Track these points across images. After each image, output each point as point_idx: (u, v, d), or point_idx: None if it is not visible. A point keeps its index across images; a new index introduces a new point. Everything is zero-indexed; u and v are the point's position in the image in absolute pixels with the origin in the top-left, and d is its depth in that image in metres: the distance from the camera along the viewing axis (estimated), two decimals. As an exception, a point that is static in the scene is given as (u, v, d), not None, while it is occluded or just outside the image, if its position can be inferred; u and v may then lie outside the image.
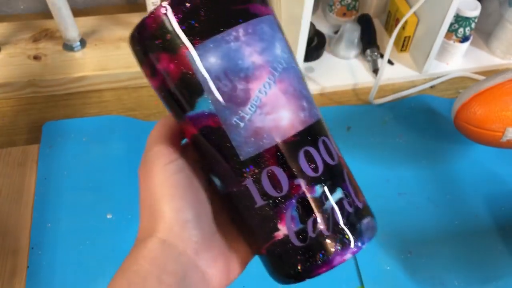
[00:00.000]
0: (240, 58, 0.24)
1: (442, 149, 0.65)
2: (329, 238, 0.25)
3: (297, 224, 0.25)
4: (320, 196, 0.25)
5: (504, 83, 0.56)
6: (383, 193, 0.59)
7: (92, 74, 0.67)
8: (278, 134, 0.25)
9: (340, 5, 0.77)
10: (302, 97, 0.26)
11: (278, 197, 0.25)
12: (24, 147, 0.61)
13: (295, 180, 0.25)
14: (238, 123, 0.25)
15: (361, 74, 0.73)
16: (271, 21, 0.26)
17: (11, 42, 0.70)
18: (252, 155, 0.25)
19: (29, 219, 0.54)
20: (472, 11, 0.68)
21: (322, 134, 0.27)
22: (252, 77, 0.25)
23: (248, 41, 0.25)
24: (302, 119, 0.26)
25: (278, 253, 0.26)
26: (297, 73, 0.27)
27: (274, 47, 0.26)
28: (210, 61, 0.24)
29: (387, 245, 0.55)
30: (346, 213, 0.26)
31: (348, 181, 0.27)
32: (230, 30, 0.24)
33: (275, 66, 0.25)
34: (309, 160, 0.25)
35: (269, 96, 0.25)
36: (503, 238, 0.56)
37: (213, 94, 0.25)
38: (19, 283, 0.50)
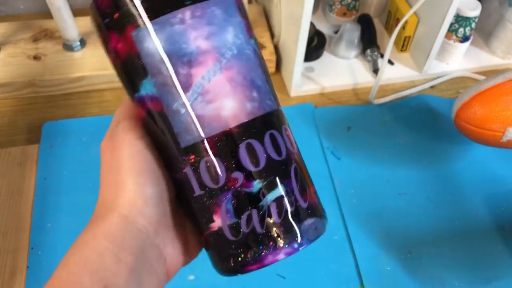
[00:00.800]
0: (185, 42, 0.23)
1: (442, 149, 0.65)
2: (262, 235, 0.24)
3: (231, 218, 0.24)
4: (257, 191, 0.24)
5: (505, 83, 0.56)
6: (383, 193, 0.59)
7: (92, 74, 0.67)
8: (219, 124, 0.24)
9: (340, 5, 0.77)
10: (253, 87, 0.25)
11: (215, 188, 0.24)
12: (24, 147, 0.61)
13: (233, 173, 0.24)
14: (179, 109, 0.24)
15: (361, 74, 0.73)
16: (228, 4, 0.25)
17: (11, 42, 0.70)
18: (192, 143, 0.24)
19: (29, 219, 0.54)
20: (472, 11, 0.68)
21: (271, 127, 0.25)
22: (195, 62, 0.23)
23: (195, 24, 0.23)
24: (248, 110, 0.24)
25: (213, 245, 0.26)
26: (252, 61, 0.25)
27: (225, 32, 0.24)
28: (153, 43, 0.23)
29: (387, 245, 0.55)
30: (285, 212, 0.24)
31: (295, 179, 0.25)
32: (175, 12, 0.23)
33: (223, 52, 0.24)
34: (250, 153, 0.24)
35: (212, 84, 0.24)
36: (503, 238, 0.56)
37: (156, 77, 0.24)
38: (19, 283, 0.50)
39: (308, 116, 0.67)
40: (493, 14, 0.77)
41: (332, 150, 0.63)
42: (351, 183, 0.60)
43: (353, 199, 0.58)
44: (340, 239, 0.55)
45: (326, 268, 0.53)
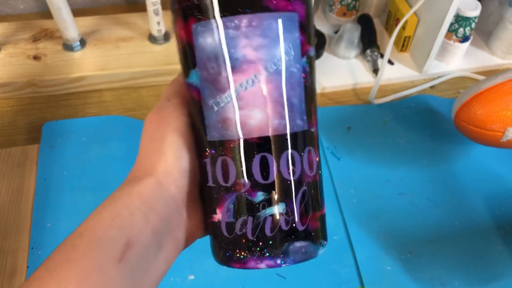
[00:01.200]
0: (234, 47, 0.25)
1: (442, 149, 0.65)
2: (250, 242, 0.26)
3: (229, 217, 0.26)
4: (258, 202, 0.26)
5: (505, 83, 0.56)
6: (383, 193, 0.59)
7: (92, 74, 0.67)
8: (243, 130, 0.25)
9: (340, 5, 0.77)
10: (288, 105, 0.26)
11: (223, 186, 0.26)
12: (24, 147, 0.61)
13: (242, 179, 0.26)
14: (213, 106, 0.26)
15: (361, 74, 0.73)
16: (289, 19, 0.25)
17: (11, 42, 0.70)
18: (215, 140, 0.26)
19: (29, 219, 0.54)
20: (472, 11, 0.68)
21: (292, 147, 0.26)
22: (238, 69, 0.25)
23: (248, 33, 0.24)
24: (274, 126, 0.25)
25: (212, 232, 0.28)
26: (295, 79, 0.26)
27: (275, 46, 0.25)
28: (207, 41, 0.25)
29: (387, 245, 0.55)
30: (278, 229, 0.26)
31: (299, 201, 0.26)
32: (233, 17, 0.24)
33: (267, 65, 0.25)
34: (263, 166, 0.25)
35: (248, 93, 0.25)
36: (503, 238, 0.56)
37: (201, 71, 0.26)
38: (19, 283, 0.50)
39: (308, 116, 0.67)
40: (493, 14, 0.77)
41: (332, 150, 0.63)
42: (351, 183, 0.60)
43: (353, 199, 0.58)
44: (340, 239, 0.55)
45: (326, 268, 0.53)
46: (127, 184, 0.27)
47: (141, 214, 0.25)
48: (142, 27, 0.73)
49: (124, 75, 0.68)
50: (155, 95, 0.69)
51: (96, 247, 0.24)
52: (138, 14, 0.75)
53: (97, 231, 0.24)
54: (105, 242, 0.24)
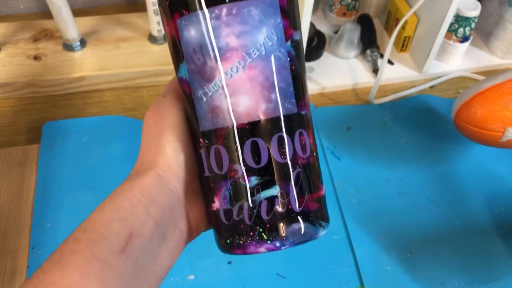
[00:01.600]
0: (217, 36, 0.25)
1: (442, 149, 0.65)
2: (248, 227, 0.26)
3: (226, 204, 0.27)
4: (253, 187, 0.26)
5: (504, 83, 0.56)
6: (383, 193, 0.59)
7: (92, 74, 0.67)
8: (232, 117, 0.26)
9: (340, 5, 0.77)
10: (274, 88, 0.26)
11: (218, 174, 0.27)
12: (24, 147, 0.61)
13: (235, 165, 0.26)
14: (202, 97, 0.26)
15: (361, 74, 0.73)
16: (269, 5, 0.25)
17: (11, 42, 0.70)
18: (207, 130, 0.27)
19: (29, 219, 0.54)
20: (472, 11, 0.68)
21: (281, 130, 0.26)
22: (222, 57, 0.25)
23: (229, 21, 0.25)
24: (262, 110, 0.26)
25: (212, 222, 0.29)
26: (281, 63, 0.26)
27: (257, 32, 0.25)
28: (191, 33, 0.26)
29: (387, 245, 0.55)
30: (275, 211, 0.26)
31: (294, 183, 0.26)
32: (213, 8, 0.25)
33: (250, 51, 0.25)
34: (254, 151, 0.26)
35: (233, 79, 0.25)
36: (503, 238, 0.56)
37: (188, 64, 0.26)
38: (19, 283, 0.50)
39: (308, 116, 0.67)
40: (492, 14, 0.77)
41: (332, 150, 0.63)
42: (351, 183, 0.60)
43: (353, 199, 0.59)
44: (340, 239, 0.55)
45: (326, 268, 0.53)
46: (129, 179, 0.28)
47: (142, 207, 0.26)
48: (142, 27, 0.73)
49: (124, 75, 0.68)
50: (155, 95, 0.69)
51: (98, 239, 0.24)
52: (138, 14, 0.75)
53: (100, 225, 0.25)
54: (107, 234, 0.25)
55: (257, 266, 0.53)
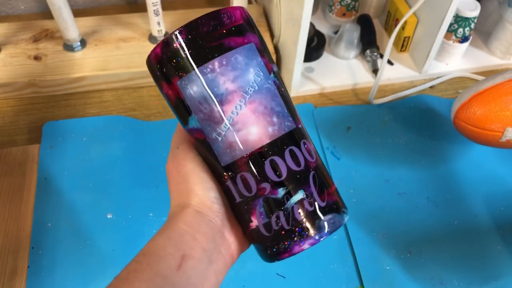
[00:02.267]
0: (216, 86, 0.30)
1: (442, 149, 0.65)
2: (289, 231, 0.30)
3: (264, 218, 0.31)
4: (282, 197, 0.30)
5: (504, 83, 0.56)
6: (383, 193, 0.60)
7: (92, 74, 0.67)
8: (247, 146, 0.30)
9: (339, 6, 0.77)
10: (273, 113, 0.31)
11: (250, 196, 0.31)
12: (24, 147, 0.61)
13: (262, 184, 0.30)
14: (217, 138, 0.31)
15: (361, 74, 0.73)
16: (249, 49, 0.31)
17: (12, 42, 0.70)
18: (229, 163, 0.31)
19: (30, 218, 0.54)
20: (471, 12, 0.68)
21: (290, 144, 0.31)
22: (225, 101, 0.30)
23: (222, 71, 0.30)
24: (270, 133, 0.30)
25: (254, 239, 0.32)
26: (272, 92, 0.31)
27: (247, 73, 0.30)
28: (193, 90, 0.30)
29: (387, 245, 0.55)
30: (306, 211, 0.30)
31: (313, 184, 0.31)
32: (207, 64, 0.30)
33: (247, 90, 0.30)
34: (274, 167, 0.30)
35: (239, 116, 0.30)
36: (503, 238, 0.56)
37: (198, 115, 0.31)
38: (19, 282, 0.50)
39: (308, 116, 0.67)
40: (492, 15, 0.77)
41: (332, 150, 0.63)
42: (351, 183, 0.60)
43: (353, 199, 0.59)
44: (340, 239, 0.55)
45: (326, 268, 0.53)
46: (171, 219, 0.32)
47: (189, 235, 0.30)
48: (143, 27, 0.73)
49: (124, 75, 0.68)
50: (155, 95, 0.69)
51: (157, 260, 0.29)
52: (139, 14, 0.75)
53: (155, 249, 0.29)
54: (164, 255, 0.29)
55: (257, 266, 0.53)
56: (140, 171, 0.59)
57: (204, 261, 0.30)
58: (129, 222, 0.55)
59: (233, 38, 0.30)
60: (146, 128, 0.64)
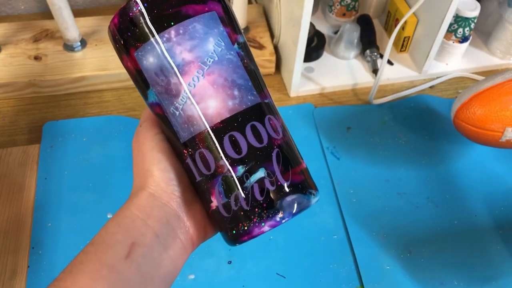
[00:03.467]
0: (172, 56, 0.28)
1: (442, 149, 0.65)
2: (248, 212, 0.28)
3: (223, 198, 0.29)
4: (241, 175, 0.28)
5: (504, 83, 0.56)
6: (383, 193, 0.60)
7: (92, 74, 0.67)
8: (205, 121, 0.29)
9: (339, 6, 0.77)
10: (234, 86, 0.29)
11: (209, 175, 0.29)
12: (24, 147, 0.61)
13: (220, 161, 0.29)
14: (174, 112, 0.29)
15: (360, 74, 0.73)
16: (209, 18, 0.29)
17: (12, 42, 0.70)
18: (187, 139, 0.29)
19: (30, 218, 0.54)
20: (471, 12, 0.68)
21: (252, 119, 0.29)
22: (182, 72, 0.28)
23: (179, 40, 0.28)
24: (230, 107, 0.29)
25: (215, 220, 0.31)
26: (234, 64, 0.29)
27: (206, 43, 0.29)
28: (149, 61, 0.29)
29: (387, 245, 0.55)
30: (266, 191, 0.28)
31: (276, 161, 0.29)
32: (163, 33, 0.28)
33: (205, 60, 0.28)
34: (233, 143, 0.28)
35: (197, 88, 0.28)
36: (503, 238, 0.56)
37: (155, 88, 0.29)
38: (19, 282, 0.50)
39: (307, 116, 0.67)
40: (492, 15, 0.78)
41: (332, 150, 0.64)
42: (351, 183, 0.60)
43: (353, 199, 0.59)
44: (340, 239, 0.55)
45: (326, 268, 0.53)
46: (126, 202, 0.31)
47: (141, 221, 0.29)
48: (143, 27, 0.73)
49: (124, 75, 0.68)
50: (155, 95, 0.69)
51: (105, 249, 0.27)
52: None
53: (104, 237, 0.28)
54: (112, 244, 0.28)
55: (257, 266, 0.53)
56: (140, 171, 0.59)
57: (156, 248, 0.29)
58: (129, 222, 0.55)
59: (192, 6, 0.29)
60: (146, 128, 0.64)
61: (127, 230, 0.28)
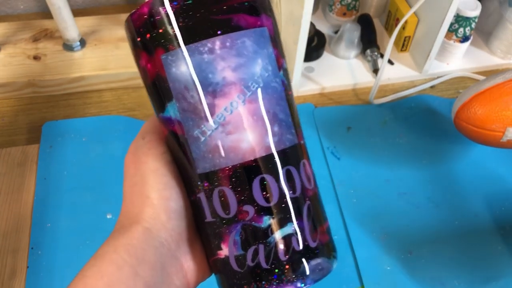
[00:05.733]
0: (211, 71, 0.23)
1: (442, 149, 0.65)
2: (266, 271, 0.24)
3: (238, 250, 0.24)
4: (266, 227, 0.24)
5: (505, 83, 0.56)
6: (383, 193, 0.59)
7: (91, 74, 0.67)
8: (236, 156, 0.24)
9: (340, 5, 0.77)
10: (275, 121, 0.25)
11: (225, 218, 0.24)
12: (24, 147, 0.61)
13: (244, 206, 0.24)
14: (199, 137, 0.24)
15: (361, 74, 0.73)
16: (260, 35, 0.25)
17: (11, 42, 0.70)
18: (207, 171, 0.24)
19: (29, 219, 0.54)
20: (472, 11, 0.68)
21: (288, 163, 0.25)
22: (219, 93, 0.24)
23: (223, 55, 0.23)
24: (266, 145, 0.24)
25: (219, 270, 0.26)
26: (278, 94, 0.25)
27: (253, 64, 0.24)
28: (181, 70, 0.24)
29: (387, 245, 0.55)
30: (292, 250, 0.24)
31: (306, 217, 0.25)
32: (205, 41, 0.23)
33: (249, 84, 0.24)
34: (264, 188, 0.24)
35: (233, 116, 0.24)
36: (503, 238, 0.56)
37: (180, 103, 0.24)
38: (19, 283, 0.50)
39: (308, 116, 0.67)
40: (493, 14, 0.77)
41: (332, 150, 0.63)
42: (351, 183, 0.60)
43: (353, 199, 0.58)
44: (340, 239, 0.55)
45: (326, 268, 0.53)
46: (113, 237, 0.25)
47: (129, 269, 0.23)
48: (142, 27, 0.73)
49: (124, 75, 0.68)
50: (155, 95, 0.69)
51: None
52: (138, 14, 0.75)
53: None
54: None
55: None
56: (139, 171, 0.59)
57: None
58: (128, 222, 0.55)
59: (245, 16, 0.24)
60: (146, 128, 0.64)
61: (111, 285, 0.22)
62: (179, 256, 0.26)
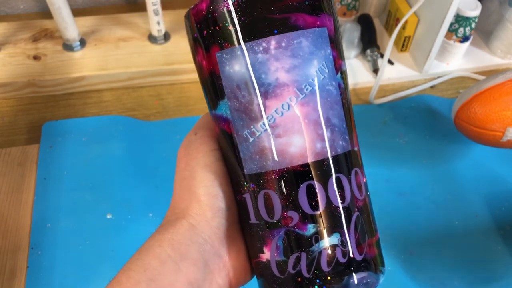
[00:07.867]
0: (264, 72, 0.23)
1: (442, 149, 0.65)
2: (307, 280, 0.23)
3: (280, 255, 0.24)
4: (310, 235, 0.23)
5: (505, 83, 0.56)
6: (383, 193, 0.59)
7: (91, 74, 0.67)
8: (283, 159, 0.23)
9: (340, 5, 0.77)
10: (328, 125, 0.24)
11: (269, 222, 0.24)
12: (24, 147, 0.61)
13: (289, 212, 0.24)
14: (247, 137, 0.24)
15: (361, 74, 0.73)
16: (319, 35, 0.24)
17: (11, 42, 0.70)
18: (254, 173, 0.24)
19: (29, 219, 0.54)
20: (472, 11, 0.68)
21: (338, 171, 0.24)
22: (271, 94, 0.23)
23: (278, 55, 0.23)
24: (318, 150, 0.24)
25: (260, 273, 0.26)
26: (333, 98, 0.24)
27: (309, 65, 0.23)
28: (234, 68, 0.23)
29: (388, 245, 0.55)
30: (335, 262, 0.23)
31: (354, 229, 0.24)
32: (260, 40, 0.23)
33: (302, 87, 0.23)
34: (310, 195, 0.23)
35: (284, 118, 0.23)
36: (503, 238, 0.56)
37: (231, 102, 0.24)
38: (18, 283, 0.50)
39: (308, 116, 0.67)
40: (493, 14, 0.77)
41: (332, 150, 0.63)
42: (351, 183, 0.60)
43: (353, 199, 0.58)
44: (340, 239, 0.55)
45: (326, 268, 0.53)
46: (159, 231, 0.25)
47: (172, 263, 0.23)
48: (142, 27, 0.73)
49: (124, 75, 0.68)
50: (155, 95, 0.69)
51: None
52: (138, 14, 0.75)
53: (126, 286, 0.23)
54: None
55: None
56: (139, 171, 0.59)
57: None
58: (128, 223, 0.55)
59: (303, 15, 0.23)
60: (146, 128, 0.64)
61: (153, 279, 0.23)
62: (222, 255, 0.26)
